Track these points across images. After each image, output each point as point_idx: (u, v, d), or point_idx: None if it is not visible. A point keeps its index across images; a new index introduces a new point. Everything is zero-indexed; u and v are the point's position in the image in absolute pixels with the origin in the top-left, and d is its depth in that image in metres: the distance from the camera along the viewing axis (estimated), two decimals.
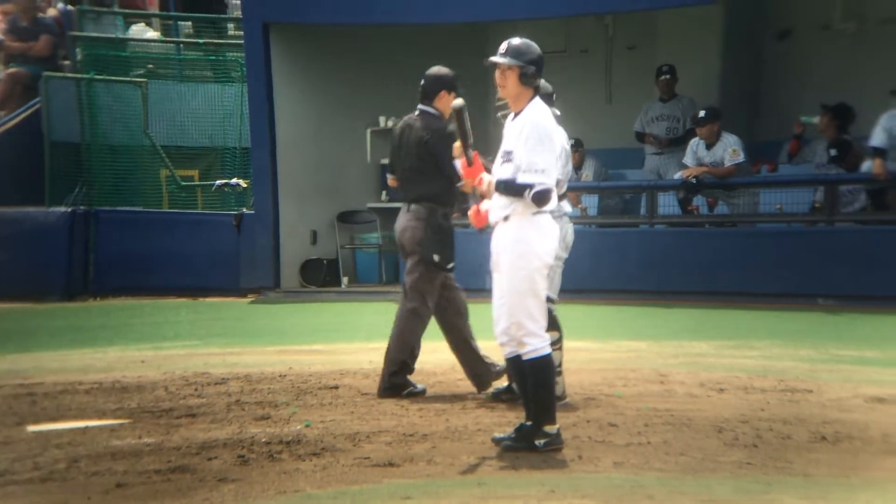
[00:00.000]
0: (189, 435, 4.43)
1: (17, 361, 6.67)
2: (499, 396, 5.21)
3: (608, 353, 6.77)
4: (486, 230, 4.33)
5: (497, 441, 4.26)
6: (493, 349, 5.12)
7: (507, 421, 4.64)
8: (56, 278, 10.82)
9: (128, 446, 4.24)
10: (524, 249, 4.14)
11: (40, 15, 12.46)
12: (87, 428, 4.58)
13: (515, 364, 4.25)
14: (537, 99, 4.24)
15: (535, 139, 4.13)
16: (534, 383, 4.20)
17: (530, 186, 4.09)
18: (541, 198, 4.10)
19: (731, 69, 10.79)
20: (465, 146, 4.36)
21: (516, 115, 4.25)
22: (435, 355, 5.79)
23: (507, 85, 4.23)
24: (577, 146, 10.94)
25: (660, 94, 10.66)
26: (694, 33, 10.96)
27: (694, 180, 9.88)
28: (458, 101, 4.46)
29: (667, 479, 3.82)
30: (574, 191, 10.78)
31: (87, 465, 3.95)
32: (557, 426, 4.22)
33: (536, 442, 4.18)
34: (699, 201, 10.16)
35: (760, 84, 10.85)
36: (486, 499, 3.55)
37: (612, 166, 11.04)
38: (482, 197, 4.35)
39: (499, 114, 5.03)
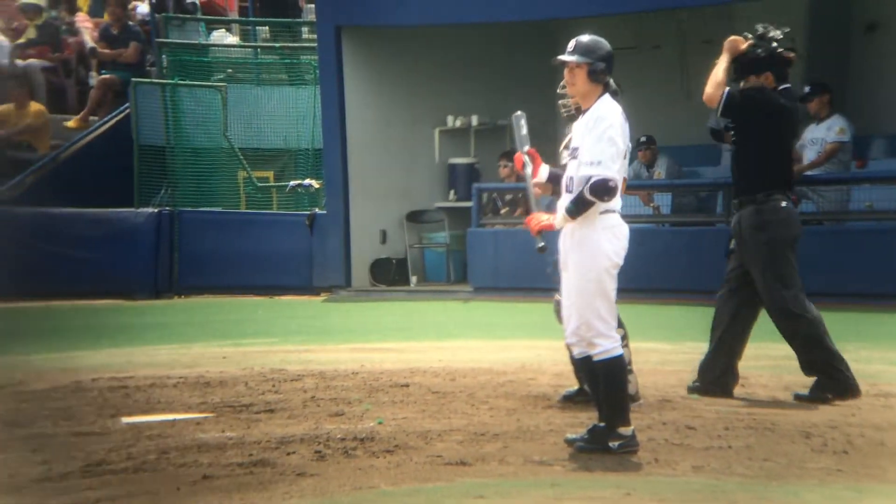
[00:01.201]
0: (268, 430, 4.58)
1: (111, 356, 7.03)
2: (571, 399, 5.17)
3: (683, 354, 6.61)
4: (541, 237, 4.30)
5: (570, 442, 4.23)
6: (555, 349, 5.20)
7: (580, 422, 4.61)
8: (144, 277, 11.31)
9: (212, 439, 4.43)
10: (593, 249, 4.13)
11: (130, 23, 13.04)
12: (175, 421, 4.82)
13: (586, 365, 4.23)
14: (606, 95, 4.23)
15: (597, 133, 4.13)
16: (605, 384, 4.17)
17: (587, 180, 4.08)
18: (597, 189, 4.07)
19: (814, 63, 10.36)
20: (524, 154, 4.41)
21: (585, 111, 4.25)
22: (505, 354, 5.89)
23: (576, 83, 4.23)
24: (648, 143, 10.80)
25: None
26: (775, 18, 10.74)
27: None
28: (517, 112, 4.53)
29: (750, 484, 3.71)
30: (645, 189, 10.75)
31: (176, 457, 4.15)
32: (632, 428, 4.17)
33: (610, 444, 4.14)
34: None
35: (846, 78, 10.50)
36: (560, 500, 3.54)
37: (688, 164, 10.86)
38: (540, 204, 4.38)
39: (562, 110, 5.10)
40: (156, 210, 11.59)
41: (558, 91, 5.15)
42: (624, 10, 10.46)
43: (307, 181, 11.86)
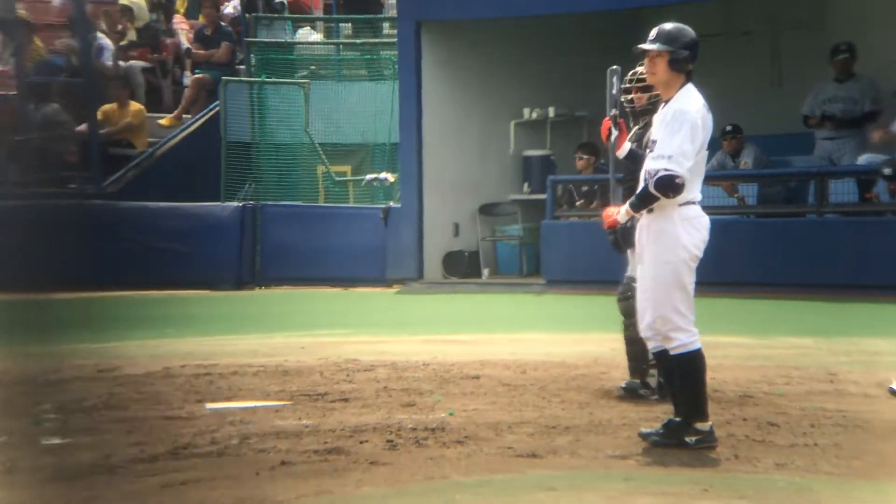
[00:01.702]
0: (342, 418, 4.67)
1: (197, 344, 7.32)
2: (633, 392, 5.14)
3: (769, 349, 6.49)
4: (615, 231, 4.27)
5: (644, 436, 4.16)
6: (611, 340, 5.15)
7: (654, 416, 4.53)
8: (228, 268, 11.72)
9: (290, 426, 4.53)
10: (670, 241, 4.05)
11: (222, 24, 13.52)
12: (255, 408, 5.02)
13: (662, 359, 4.16)
14: (689, 85, 4.11)
15: (674, 126, 4.04)
16: (682, 379, 4.09)
17: (655, 173, 4.00)
18: (663, 185, 3.99)
19: None
20: (611, 118, 4.38)
21: (666, 102, 4.15)
22: (577, 347, 5.90)
23: (656, 72, 4.11)
24: (735, 132, 10.45)
25: (836, 75, 9.97)
26: (872, 8, 10.37)
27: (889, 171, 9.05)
28: (613, 67, 4.46)
29: (838, 483, 3.61)
30: (731, 179, 10.33)
31: (256, 443, 4.26)
32: (710, 423, 4.07)
33: (687, 439, 4.05)
34: (880, 188, 9.52)
35: None
36: (632, 494, 3.48)
37: (777, 153, 10.54)
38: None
39: (626, 106, 5.10)
40: (240, 204, 11.97)
41: (624, 85, 5.18)
42: None
43: (383, 175, 12.07)
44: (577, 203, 11.32)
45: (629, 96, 5.19)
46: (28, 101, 12.67)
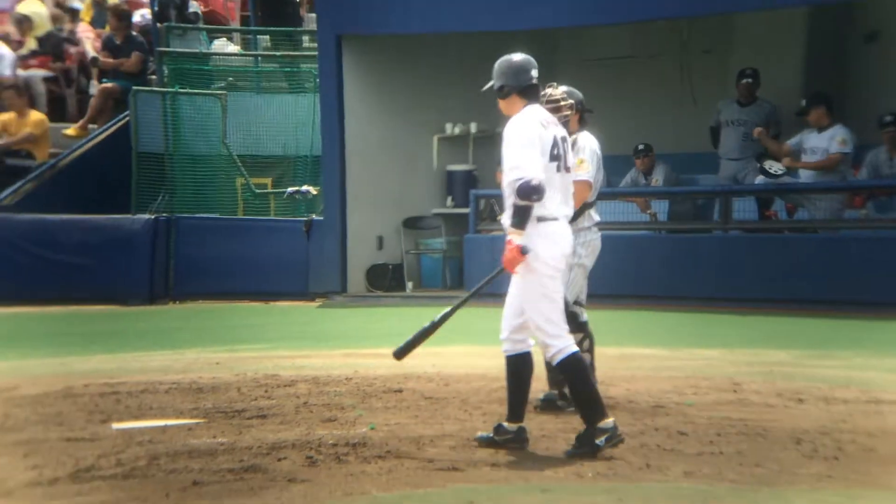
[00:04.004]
0: (260, 435, 4.62)
1: (103, 362, 7.07)
2: (553, 403, 5.23)
3: (678, 360, 6.67)
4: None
5: (482, 441, 4.37)
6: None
7: (572, 427, 4.61)
8: (140, 282, 11.35)
9: (203, 445, 4.46)
10: (531, 256, 4.23)
11: (133, 33, 13.14)
12: (166, 427, 4.84)
13: (510, 362, 4.36)
14: (528, 108, 4.35)
15: (509, 143, 4.28)
16: (571, 383, 4.32)
17: (514, 188, 4.19)
18: (523, 191, 4.19)
19: (813, 72, 10.51)
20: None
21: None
22: (499, 360, 5.84)
23: (500, 106, 4.43)
24: (646, 151, 10.83)
25: (738, 97, 10.37)
26: (775, 36, 10.77)
27: (780, 170, 9.49)
28: None
29: (741, 490, 3.72)
30: (643, 196, 10.81)
31: (166, 463, 4.18)
32: (612, 420, 4.24)
33: (597, 441, 4.20)
34: (778, 206, 9.94)
35: (845, 88, 10.50)
36: None
37: (685, 171, 10.87)
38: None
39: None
40: (152, 216, 11.65)
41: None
42: (622, 20, 10.47)
43: (305, 188, 11.90)
44: (499, 217, 11.36)
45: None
46: None
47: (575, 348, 4.31)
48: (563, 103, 5.19)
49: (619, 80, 11.18)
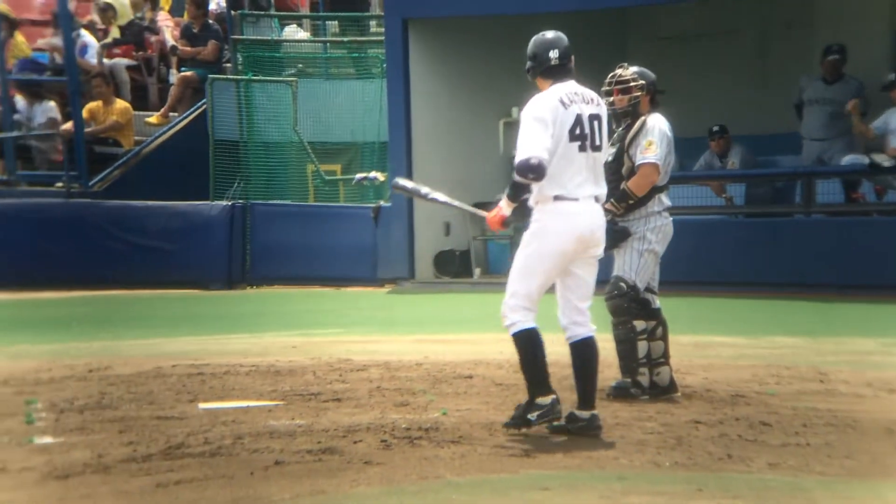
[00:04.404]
0: (336, 418, 4.69)
1: (188, 343, 7.33)
2: (626, 391, 5.15)
3: (759, 349, 6.51)
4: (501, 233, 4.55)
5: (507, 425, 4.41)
6: (602, 339, 5.15)
7: (647, 415, 4.58)
8: (218, 267, 11.70)
9: (283, 426, 4.55)
10: (537, 229, 4.32)
11: (209, 21, 13.49)
12: (248, 408, 5.02)
13: (572, 349, 4.45)
14: (550, 88, 4.40)
15: (521, 121, 4.35)
16: (519, 355, 4.37)
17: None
18: (521, 169, 4.25)
19: None
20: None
21: None
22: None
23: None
24: (721, 133, 10.43)
25: (823, 75, 9.99)
26: (858, 8, 10.38)
27: (890, 162, 9.07)
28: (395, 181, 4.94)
29: (830, 482, 3.63)
30: (719, 179, 10.38)
31: (249, 443, 4.28)
32: (552, 397, 4.32)
33: (529, 416, 4.32)
34: (865, 188, 9.62)
35: None
36: (627, 494, 3.49)
37: (764, 153, 10.55)
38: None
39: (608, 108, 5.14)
40: (229, 203, 11.96)
41: (604, 88, 5.21)
42: None
43: (372, 174, 12.05)
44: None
45: (610, 98, 5.20)
46: (10, 98, 12.60)
47: (531, 325, 4.37)
48: (632, 84, 5.17)
49: (693, 58, 10.86)
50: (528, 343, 4.38)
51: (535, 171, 4.26)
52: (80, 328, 8.57)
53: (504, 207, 4.39)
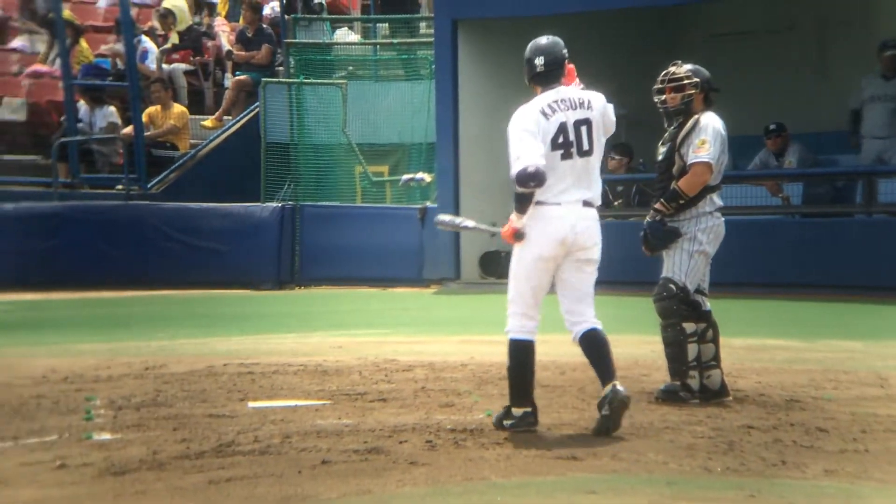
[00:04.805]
0: (381, 418, 4.73)
1: (239, 343, 7.47)
2: (675, 394, 5.08)
3: (816, 352, 6.38)
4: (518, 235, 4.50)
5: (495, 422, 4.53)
6: (650, 342, 5.06)
7: (697, 419, 4.51)
8: (269, 268, 11.95)
9: (330, 426, 4.60)
10: (528, 235, 4.40)
11: (263, 25, 13.76)
12: (296, 407, 5.11)
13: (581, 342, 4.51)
14: (540, 95, 4.49)
15: (509, 136, 4.42)
16: (508, 362, 4.47)
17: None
18: (520, 179, 4.33)
19: None
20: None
21: None
22: (616, 349, 5.86)
23: None
24: (778, 131, 10.22)
25: (883, 71, 9.86)
26: None
27: None
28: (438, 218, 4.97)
29: (890, 490, 3.55)
30: (777, 178, 10.13)
31: (298, 442, 4.32)
32: (525, 410, 4.41)
33: (505, 423, 4.45)
34: None
35: None
36: (677, 499, 3.44)
37: (822, 152, 10.37)
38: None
39: (654, 97, 5.12)
40: (280, 204, 12.17)
41: (656, 86, 5.19)
42: None
43: (419, 175, 12.14)
44: (615, 203, 11.29)
45: (662, 97, 5.19)
46: (75, 103, 13.00)
47: (528, 337, 4.43)
48: (686, 82, 5.12)
49: (748, 55, 10.67)
50: (518, 354, 4.48)
51: (535, 177, 4.34)
52: (137, 327, 8.80)
53: (514, 221, 4.46)
